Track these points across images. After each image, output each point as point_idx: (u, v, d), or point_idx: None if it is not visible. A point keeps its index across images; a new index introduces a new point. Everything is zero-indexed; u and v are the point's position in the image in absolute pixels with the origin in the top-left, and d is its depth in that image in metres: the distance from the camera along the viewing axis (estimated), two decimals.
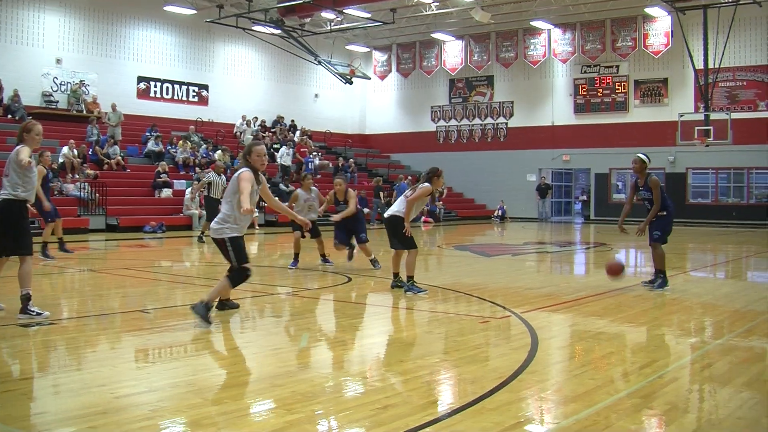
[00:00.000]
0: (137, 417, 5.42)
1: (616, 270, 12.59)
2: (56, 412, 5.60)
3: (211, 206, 21.36)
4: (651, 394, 6.21)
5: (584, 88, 40.23)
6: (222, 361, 7.55)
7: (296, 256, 15.77)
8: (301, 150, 38.92)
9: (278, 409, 5.70)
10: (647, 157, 12.91)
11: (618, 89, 39.29)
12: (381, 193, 35.93)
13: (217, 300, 9.58)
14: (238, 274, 9.24)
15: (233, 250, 9.16)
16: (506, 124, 43.28)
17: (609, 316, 10.21)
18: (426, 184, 12.27)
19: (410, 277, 12.05)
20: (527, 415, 5.68)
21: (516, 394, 6.18)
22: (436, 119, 45.82)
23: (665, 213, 12.68)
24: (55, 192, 27.52)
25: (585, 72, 40.20)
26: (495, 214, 41.11)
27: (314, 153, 39.67)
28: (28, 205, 9.66)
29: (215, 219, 9.31)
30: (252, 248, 22.15)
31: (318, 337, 8.64)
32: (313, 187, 16.14)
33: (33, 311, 9.20)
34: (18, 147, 9.44)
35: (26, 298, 9.24)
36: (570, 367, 7.36)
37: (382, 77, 46.86)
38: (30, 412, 5.62)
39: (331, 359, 7.60)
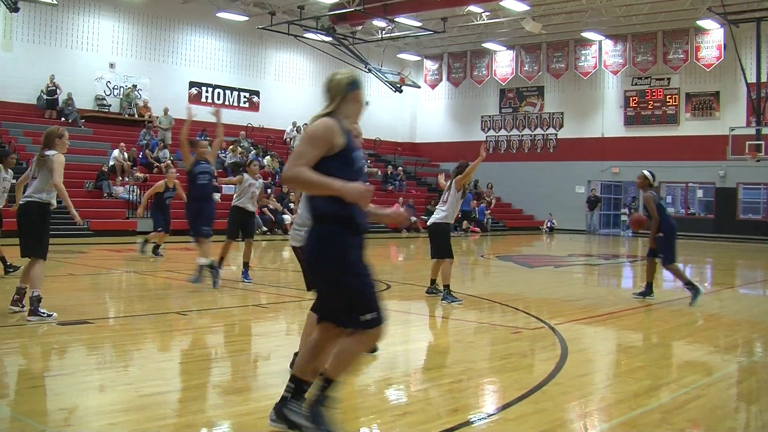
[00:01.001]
0: (158, 415, 5.53)
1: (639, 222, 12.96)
2: (80, 408, 5.73)
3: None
4: (673, 410, 6.17)
5: (635, 100, 39.92)
6: (249, 364, 7.64)
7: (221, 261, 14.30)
8: None
9: None
10: (652, 174, 13.05)
11: (669, 102, 38.90)
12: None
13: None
14: None
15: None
16: (556, 135, 43.06)
17: (643, 330, 10.17)
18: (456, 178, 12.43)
19: (446, 286, 12.09)
20: (545, 428, 5.68)
21: (537, 405, 6.19)
22: (486, 129, 45.73)
23: (661, 234, 12.82)
24: (104, 195, 27.96)
25: (636, 84, 39.88)
26: (545, 225, 40.94)
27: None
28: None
29: (295, 223, 7.36)
30: (286, 253, 22.18)
31: None
32: (259, 178, 14.98)
33: (43, 313, 9.22)
34: (53, 154, 9.56)
35: (36, 300, 9.24)
36: (595, 380, 7.33)
37: (433, 86, 46.92)
38: (55, 408, 5.76)
39: (357, 366, 7.61)
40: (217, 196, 30.38)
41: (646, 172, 13.05)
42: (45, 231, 9.60)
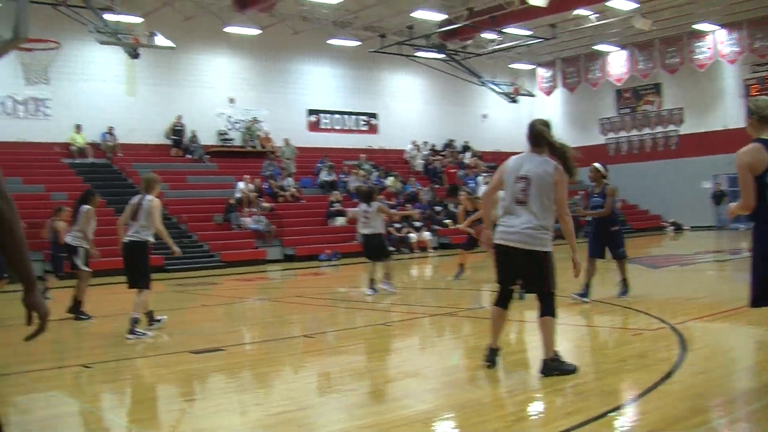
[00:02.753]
0: None
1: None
2: (211, 429, 6.10)
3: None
4: None
5: (756, 87, 38.83)
6: (374, 381, 7.89)
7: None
8: (455, 171, 38.92)
9: (417, 423, 6.00)
10: (604, 166, 13.44)
11: None
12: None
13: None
14: (553, 301, 7.52)
15: (552, 269, 7.45)
16: (677, 131, 42.29)
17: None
18: None
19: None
20: (659, 426, 5.73)
21: (651, 404, 6.28)
22: (605, 132, 45.23)
23: (617, 228, 13.23)
24: (233, 226, 28.80)
25: (755, 71, 38.87)
26: (668, 224, 40.19)
27: (483, 174, 39.76)
28: None
29: (526, 225, 7.29)
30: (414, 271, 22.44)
31: (471, 355, 8.84)
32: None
33: (139, 332, 10.77)
34: (151, 198, 11.09)
35: (134, 321, 10.77)
36: (712, 378, 7.28)
37: (548, 93, 46.65)
38: (187, 429, 6.15)
39: (476, 374, 7.75)
40: (342, 219, 31.14)
41: (597, 165, 13.25)
42: (147, 265, 11.17)
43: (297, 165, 34.86)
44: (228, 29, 33.95)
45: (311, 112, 38.26)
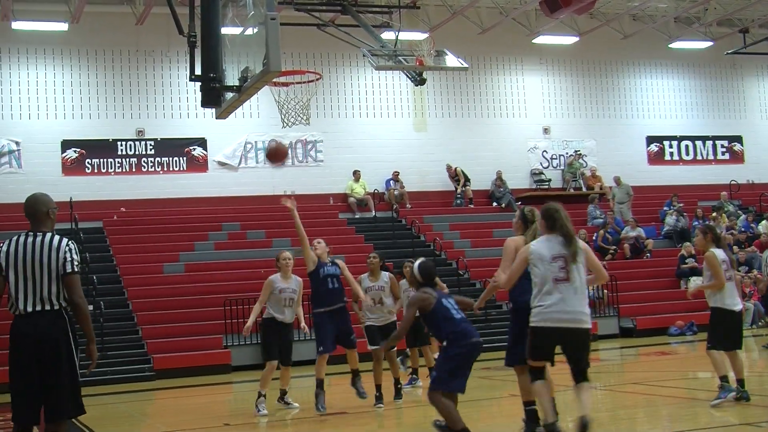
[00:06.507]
0: None
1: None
2: None
3: None
4: None
5: None
6: None
7: None
8: None
9: None
10: None
11: None
12: None
13: None
14: None
15: None
16: None
17: None
18: None
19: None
20: None
21: None
22: None
23: None
24: None
25: None
26: None
27: None
28: None
29: None
30: None
31: None
32: None
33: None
34: None
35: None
36: None
37: None
38: None
39: None
40: (699, 279, 29.66)
41: None
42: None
43: (634, 209, 33.73)
44: (537, 40, 33.81)
45: (651, 139, 37.14)
